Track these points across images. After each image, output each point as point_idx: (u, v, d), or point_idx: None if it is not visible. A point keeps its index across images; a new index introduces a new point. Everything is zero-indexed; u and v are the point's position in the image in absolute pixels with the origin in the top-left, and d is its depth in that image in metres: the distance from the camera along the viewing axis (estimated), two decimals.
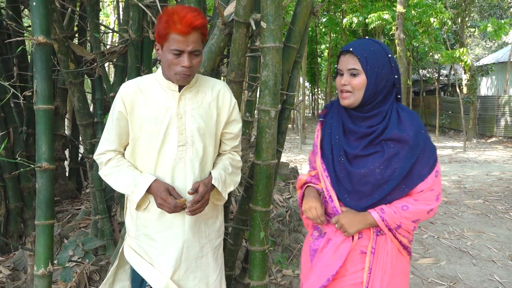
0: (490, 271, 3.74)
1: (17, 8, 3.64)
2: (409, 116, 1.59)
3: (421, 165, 1.55)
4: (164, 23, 1.50)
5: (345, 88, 1.57)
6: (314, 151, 1.78)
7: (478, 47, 30.52)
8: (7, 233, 3.54)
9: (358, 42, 1.60)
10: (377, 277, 1.60)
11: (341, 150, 1.62)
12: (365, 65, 1.53)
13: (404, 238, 1.64)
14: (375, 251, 1.61)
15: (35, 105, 2.06)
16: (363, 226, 1.60)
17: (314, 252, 1.72)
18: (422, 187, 1.56)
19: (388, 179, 1.55)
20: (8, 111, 3.50)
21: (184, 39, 1.51)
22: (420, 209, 1.57)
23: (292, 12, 2.50)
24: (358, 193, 1.60)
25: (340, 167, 1.61)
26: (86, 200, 4.31)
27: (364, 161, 1.57)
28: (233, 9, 2.14)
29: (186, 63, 1.54)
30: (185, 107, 1.68)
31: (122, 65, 3.00)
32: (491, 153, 12.55)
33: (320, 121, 1.75)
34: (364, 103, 1.57)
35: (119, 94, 1.66)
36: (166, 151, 1.66)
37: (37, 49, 2.03)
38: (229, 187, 1.82)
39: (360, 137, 1.60)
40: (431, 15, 12.66)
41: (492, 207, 6.04)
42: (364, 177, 1.56)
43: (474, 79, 16.22)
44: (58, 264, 2.38)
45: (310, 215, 1.66)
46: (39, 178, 2.08)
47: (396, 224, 1.58)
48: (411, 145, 1.53)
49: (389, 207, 1.57)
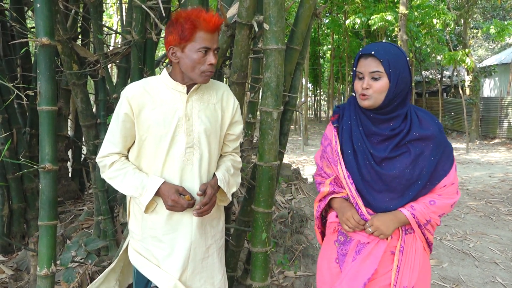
0: (492, 273, 3.73)
1: (21, 10, 3.65)
2: (428, 116, 1.65)
3: (444, 161, 1.62)
4: (191, 24, 1.53)
5: (366, 92, 1.58)
6: (328, 156, 1.75)
7: (481, 49, 30.45)
8: (10, 234, 3.55)
9: (379, 45, 1.60)
10: (405, 275, 1.62)
11: (366, 153, 1.62)
12: (388, 68, 1.54)
13: (430, 235, 1.68)
14: (404, 250, 1.63)
15: (38, 106, 2.07)
16: (396, 225, 1.62)
17: (343, 257, 1.71)
18: (445, 182, 1.62)
19: (418, 178, 1.59)
20: (12, 112, 3.52)
21: (211, 37, 1.57)
22: (446, 203, 1.63)
23: (295, 13, 2.51)
24: (390, 194, 1.62)
25: (367, 170, 1.62)
26: (88, 200, 4.32)
27: (392, 163, 1.60)
28: (236, 11, 2.14)
29: (213, 60, 1.59)
30: (192, 109, 1.69)
31: (125, 66, 3.01)
32: (494, 154, 12.51)
33: (335, 127, 1.74)
34: (384, 105, 1.59)
35: (125, 96, 1.65)
36: (174, 153, 1.67)
37: (41, 51, 2.04)
38: (232, 188, 1.84)
39: (383, 140, 1.62)
40: (434, 16, 12.65)
41: (495, 208, 6.02)
42: (396, 178, 1.59)
43: (477, 80, 16.18)
44: (60, 264, 2.39)
45: (350, 225, 1.65)
46: (42, 178, 2.09)
47: (426, 219, 1.62)
48: (436, 142, 1.59)
49: (418, 204, 1.61)
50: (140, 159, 1.72)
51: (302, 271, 3.30)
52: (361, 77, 1.60)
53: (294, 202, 4.73)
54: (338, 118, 1.75)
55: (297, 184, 5.22)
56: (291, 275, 3.23)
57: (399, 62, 1.56)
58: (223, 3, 2.24)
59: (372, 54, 1.56)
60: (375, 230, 1.61)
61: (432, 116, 1.67)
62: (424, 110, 1.69)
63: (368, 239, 1.65)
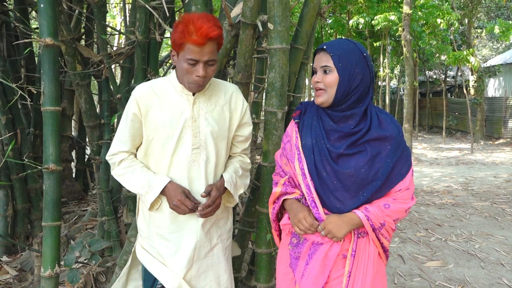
0: (498, 275, 3.70)
1: (25, 10, 3.66)
2: (389, 118, 1.62)
3: (401, 165, 1.58)
4: (180, 33, 1.51)
5: (318, 85, 1.57)
6: (287, 153, 1.71)
7: (486, 48, 30.33)
8: (14, 234, 3.56)
9: (333, 41, 1.60)
10: (357, 281, 1.58)
11: (323, 149, 1.59)
12: (337, 62, 1.53)
13: (385, 240, 1.62)
14: (356, 254, 1.59)
15: (42, 106, 2.07)
16: (350, 228, 1.57)
17: (296, 260, 1.66)
18: (400, 186, 1.58)
19: (373, 179, 1.55)
20: (16, 113, 3.52)
21: (200, 50, 1.52)
22: (400, 208, 1.58)
23: (299, 13, 2.49)
24: (344, 193, 1.57)
25: (323, 166, 1.58)
26: (92, 201, 4.32)
27: (348, 160, 1.56)
28: (240, 11, 2.14)
29: (200, 73, 1.55)
30: (199, 110, 1.69)
31: (129, 66, 3.01)
32: (498, 155, 12.45)
33: (296, 123, 1.71)
34: (339, 101, 1.56)
35: (133, 96, 1.67)
36: (180, 154, 1.67)
37: (45, 51, 2.04)
38: (240, 189, 1.84)
39: (342, 137, 1.58)
40: (438, 16, 12.60)
41: (500, 209, 5.99)
42: (350, 177, 1.55)
43: (482, 80, 16.11)
44: (65, 265, 2.39)
45: (302, 227, 1.60)
46: (46, 179, 2.09)
47: (380, 223, 1.57)
48: (394, 144, 1.56)
49: (372, 206, 1.57)
50: (148, 159, 1.74)
51: None
52: (315, 72, 1.60)
53: None
54: (300, 114, 1.73)
55: None
56: None
57: (351, 57, 1.54)
58: (227, 3, 2.23)
59: (324, 49, 1.56)
60: (327, 233, 1.57)
61: (393, 118, 1.64)
62: (386, 112, 1.66)
63: (322, 240, 1.61)
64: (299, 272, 1.63)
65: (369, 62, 1.57)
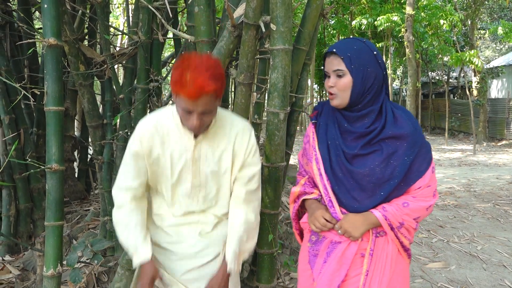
0: (500, 276, 3.69)
1: (28, 10, 3.67)
2: (405, 114, 1.58)
3: (419, 162, 1.55)
4: (175, 82, 1.42)
5: (332, 90, 1.56)
6: (306, 154, 1.73)
7: (488, 50, 30.26)
8: (17, 234, 3.57)
9: (341, 42, 1.58)
10: (374, 280, 1.57)
11: (339, 150, 1.58)
12: (349, 64, 1.50)
13: (405, 239, 1.61)
14: (374, 253, 1.58)
15: (45, 106, 2.07)
16: (367, 227, 1.57)
17: (314, 258, 1.67)
18: (420, 183, 1.55)
19: (389, 178, 1.53)
20: (19, 113, 3.53)
21: (193, 102, 1.42)
22: (420, 206, 1.56)
23: (302, 14, 2.50)
24: (361, 192, 1.57)
25: (339, 167, 1.58)
26: (95, 201, 4.33)
27: (364, 160, 1.55)
28: (243, 11, 2.14)
29: (195, 123, 1.48)
30: (200, 151, 1.64)
31: (132, 67, 3.02)
32: (501, 156, 12.41)
33: (313, 124, 1.72)
34: (354, 102, 1.55)
35: (137, 134, 1.63)
36: (181, 192, 1.69)
37: (48, 51, 2.04)
38: (244, 254, 1.76)
39: (357, 137, 1.58)
40: (441, 17, 12.58)
41: (503, 211, 5.97)
42: (366, 176, 1.54)
43: (484, 81, 16.06)
44: (67, 265, 2.39)
45: (318, 224, 1.61)
46: (49, 179, 2.09)
47: (399, 222, 1.55)
48: (410, 141, 1.53)
49: (390, 205, 1.55)
50: (152, 194, 1.78)
51: None
52: (328, 76, 1.59)
53: None
54: (317, 115, 1.72)
55: None
56: (297, 277, 3.22)
57: (363, 57, 1.52)
58: (230, 3, 2.23)
59: (333, 52, 1.54)
60: (344, 232, 1.58)
61: (409, 114, 1.60)
62: (402, 107, 1.63)
63: (340, 238, 1.61)
64: (317, 270, 1.64)
65: (380, 60, 1.55)
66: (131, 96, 2.99)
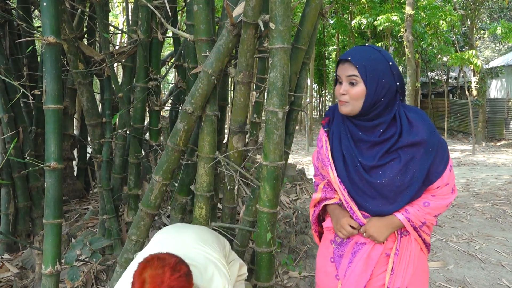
0: (499, 275, 3.70)
1: (27, 9, 3.67)
2: (419, 117, 1.57)
3: (437, 163, 1.56)
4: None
5: (343, 98, 1.54)
6: (322, 159, 1.73)
7: (488, 50, 30.27)
8: (16, 232, 3.57)
9: (357, 50, 1.55)
10: (398, 277, 1.61)
11: (355, 162, 1.58)
12: (364, 74, 1.48)
13: (427, 236, 1.66)
14: (399, 252, 1.62)
15: (44, 105, 2.07)
16: (391, 231, 1.60)
17: (340, 258, 1.70)
18: (439, 183, 1.58)
19: (409, 184, 1.55)
20: (18, 111, 3.53)
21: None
22: (441, 204, 1.59)
23: (301, 13, 2.50)
24: (383, 199, 1.59)
25: (358, 177, 1.59)
26: (93, 199, 4.33)
27: (382, 171, 1.56)
28: (242, 10, 2.14)
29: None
30: None
31: (131, 65, 3.02)
32: (500, 156, 12.43)
33: (325, 131, 1.71)
34: (365, 112, 1.54)
35: None
36: None
37: (47, 49, 2.04)
38: None
39: (371, 146, 1.57)
40: (441, 17, 12.58)
41: (501, 210, 5.98)
42: (386, 186, 1.55)
43: (484, 81, 16.08)
44: (65, 263, 2.40)
45: (345, 232, 1.64)
46: (48, 177, 2.09)
47: (421, 221, 1.59)
48: (427, 147, 1.54)
49: (412, 206, 1.59)
50: None
51: (306, 272, 3.28)
52: (340, 81, 1.57)
53: (299, 202, 4.72)
54: (329, 121, 1.72)
55: (302, 185, 5.20)
56: (295, 276, 3.22)
57: (378, 67, 1.50)
58: (229, 2, 2.23)
59: (348, 60, 1.51)
60: (368, 237, 1.61)
61: (424, 115, 1.59)
62: (415, 109, 1.62)
63: (365, 240, 1.65)
64: (342, 270, 1.67)
65: (395, 71, 1.53)
66: (130, 94, 2.99)
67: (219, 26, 2.64)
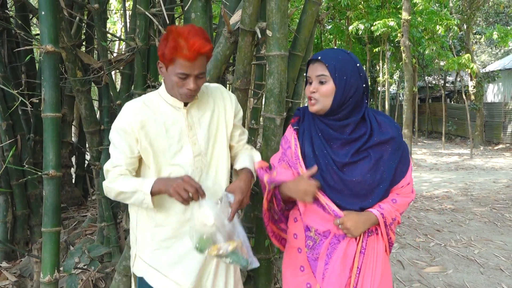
0: (498, 280, 3.70)
1: (26, 17, 3.69)
2: (387, 119, 1.67)
3: (402, 163, 1.65)
4: (172, 48, 1.49)
5: (313, 95, 1.60)
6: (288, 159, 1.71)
7: (484, 54, 30.42)
8: (14, 240, 3.56)
9: (327, 51, 1.63)
10: (367, 278, 1.61)
11: (328, 159, 1.61)
12: (333, 72, 1.56)
13: (393, 234, 1.70)
14: (365, 251, 1.62)
15: (43, 113, 2.08)
16: (367, 227, 1.61)
17: (315, 262, 1.67)
18: (403, 183, 1.66)
19: (379, 182, 1.60)
20: (16, 119, 3.54)
21: (191, 65, 1.52)
22: (405, 201, 1.67)
23: (298, 20, 2.52)
24: (354, 198, 1.61)
25: (330, 175, 1.60)
26: (92, 207, 4.32)
27: (353, 168, 1.59)
28: (239, 18, 2.16)
29: (191, 86, 1.56)
30: (193, 118, 1.69)
31: (129, 73, 3.03)
32: (498, 160, 12.45)
33: (294, 130, 1.72)
34: (334, 110, 1.59)
35: (125, 111, 1.63)
36: (183, 164, 1.65)
37: (46, 58, 2.05)
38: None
39: (343, 144, 1.61)
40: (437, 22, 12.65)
41: (500, 215, 5.99)
42: (358, 183, 1.59)
43: (481, 85, 16.15)
44: (64, 271, 2.39)
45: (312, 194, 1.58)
46: (46, 185, 2.09)
47: (392, 218, 1.64)
48: (394, 146, 1.62)
49: (384, 203, 1.63)
50: (146, 175, 1.68)
51: None
52: (310, 82, 1.63)
53: None
54: (299, 121, 1.74)
55: None
56: None
57: (347, 67, 1.57)
58: (226, 10, 2.25)
59: (318, 59, 1.59)
60: (344, 229, 1.59)
61: (391, 118, 1.70)
62: (382, 113, 1.71)
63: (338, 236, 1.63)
64: (319, 273, 1.65)
65: (362, 73, 1.61)
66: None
67: (216, 34, 2.66)
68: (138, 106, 1.65)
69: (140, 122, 1.62)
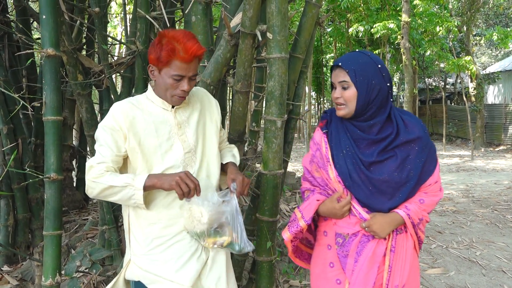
0: (500, 282, 3.69)
1: (26, 21, 3.69)
2: (413, 119, 1.71)
3: (429, 162, 1.68)
4: (169, 50, 1.54)
5: (338, 101, 1.65)
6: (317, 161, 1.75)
7: (485, 56, 30.43)
8: (15, 244, 3.56)
9: (347, 56, 1.66)
10: (396, 275, 1.66)
11: (355, 158, 1.65)
12: (354, 77, 1.59)
13: (422, 233, 1.73)
14: (395, 250, 1.67)
15: (44, 116, 2.08)
16: (393, 227, 1.65)
17: (345, 259, 1.71)
18: (430, 181, 1.69)
19: (406, 181, 1.64)
20: (17, 122, 3.54)
21: (187, 66, 1.58)
22: (433, 200, 1.70)
23: (298, 23, 2.52)
24: (381, 196, 1.65)
25: (357, 174, 1.65)
26: (93, 210, 4.32)
27: (380, 167, 1.64)
28: (239, 21, 2.16)
29: (186, 88, 1.61)
30: (182, 117, 1.73)
31: (130, 76, 3.03)
32: (499, 161, 12.44)
33: (324, 133, 1.76)
34: (360, 113, 1.64)
35: (114, 111, 1.63)
36: (174, 161, 1.67)
37: (47, 61, 2.06)
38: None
39: (370, 144, 1.65)
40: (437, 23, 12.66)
41: (501, 216, 5.98)
42: (385, 182, 1.63)
43: (481, 87, 16.14)
44: (65, 274, 2.39)
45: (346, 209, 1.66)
46: (47, 188, 2.09)
47: (419, 218, 1.67)
48: (421, 145, 1.65)
49: (411, 204, 1.66)
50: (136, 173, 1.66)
51: (307, 280, 3.28)
52: (334, 87, 1.67)
53: None
54: (327, 124, 1.78)
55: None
56: (296, 284, 3.21)
57: (368, 70, 1.60)
58: (226, 13, 2.26)
59: (339, 65, 1.62)
60: (371, 232, 1.65)
61: (417, 118, 1.73)
62: (408, 112, 1.74)
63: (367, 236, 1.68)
64: (348, 270, 1.70)
65: (384, 73, 1.63)
66: None
67: (217, 37, 2.67)
68: (126, 106, 1.67)
69: (129, 121, 1.63)
